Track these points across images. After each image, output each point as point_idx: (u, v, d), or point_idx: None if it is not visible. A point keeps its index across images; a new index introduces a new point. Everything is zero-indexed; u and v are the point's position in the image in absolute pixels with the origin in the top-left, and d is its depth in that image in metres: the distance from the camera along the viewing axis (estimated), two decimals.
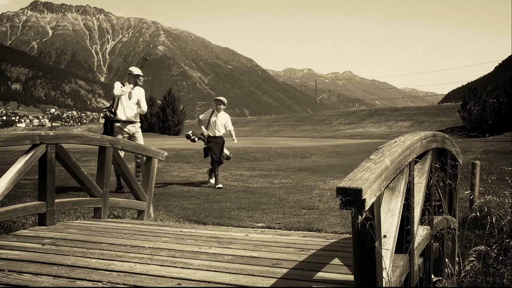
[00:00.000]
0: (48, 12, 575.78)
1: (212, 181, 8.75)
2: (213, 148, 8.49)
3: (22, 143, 3.72)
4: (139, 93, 7.99)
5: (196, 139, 8.72)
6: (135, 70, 8.03)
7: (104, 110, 7.90)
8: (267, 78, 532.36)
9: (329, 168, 11.38)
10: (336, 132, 41.49)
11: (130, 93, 7.81)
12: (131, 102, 7.82)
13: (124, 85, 7.87)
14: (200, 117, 8.88)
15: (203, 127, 8.64)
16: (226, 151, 8.96)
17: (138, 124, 7.99)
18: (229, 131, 8.75)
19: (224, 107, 8.71)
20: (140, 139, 7.84)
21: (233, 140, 8.86)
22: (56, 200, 4.03)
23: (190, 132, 8.89)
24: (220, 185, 8.33)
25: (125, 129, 7.72)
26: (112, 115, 7.73)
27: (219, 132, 8.61)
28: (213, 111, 8.75)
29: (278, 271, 2.59)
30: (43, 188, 3.88)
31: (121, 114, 7.72)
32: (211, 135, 8.56)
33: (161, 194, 7.49)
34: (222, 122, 8.65)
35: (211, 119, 8.61)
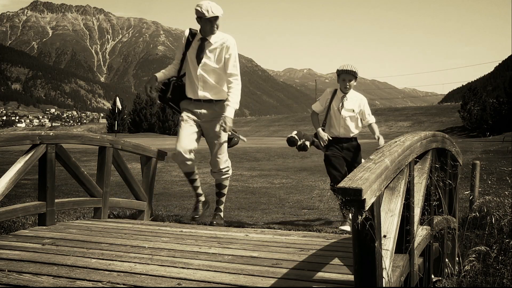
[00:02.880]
0: (48, 12, 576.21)
1: (346, 228, 4.61)
2: (333, 158, 4.68)
3: (22, 143, 3.71)
4: (222, 48, 4.38)
5: (307, 144, 4.92)
6: (207, 9, 4.27)
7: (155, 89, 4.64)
8: (267, 78, 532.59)
9: None
10: None
11: (201, 52, 4.38)
12: (203, 68, 4.39)
13: (194, 35, 4.48)
14: (314, 107, 4.96)
15: (317, 126, 4.87)
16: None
17: (221, 107, 4.39)
18: (368, 124, 4.82)
19: (355, 83, 4.76)
20: (222, 134, 4.46)
21: (378, 139, 4.58)
22: (56, 200, 4.03)
23: (294, 134, 4.95)
24: (346, 227, 4.60)
25: (196, 113, 4.47)
26: (158, 92, 4.61)
27: (348, 129, 4.76)
28: (334, 92, 4.83)
29: (278, 271, 2.59)
30: (43, 188, 3.88)
31: (188, 90, 4.49)
32: (333, 135, 4.78)
33: (161, 194, 7.49)
34: (354, 110, 4.75)
35: (331, 108, 4.79)
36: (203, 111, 4.44)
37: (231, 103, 4.31)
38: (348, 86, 4.69)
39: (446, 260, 3.52)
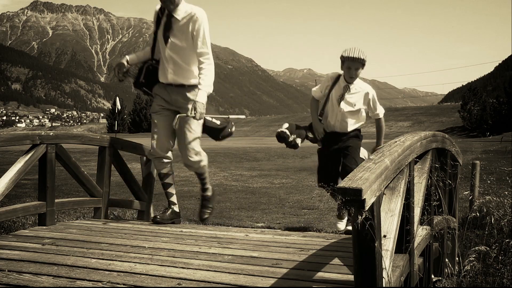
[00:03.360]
0: (48, 12, 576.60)
1: (341, 225, 4.31)
2: (325, 156, 4.25)
3: (22, 143, 3.71)
4: (189, 23, 3.81)
5: (298, 142, 4.22)
6: None
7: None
8: (267, 78, 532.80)
9: None
10: None
11: (167, 31, 3.86)
12: (171, 48, 3.87)
13: (164, 11, 3.90)
14: (313, 92, 4.34)
15: (314, 115, 4.27)
16: (364, 154, 4.38)
17: (195, 94, 3.82)
18: (377, 118, 4.29)
19: (362, 70, 4.05)
20: (195, 125, 3.93)
21: (379, 143, 4.28)
22: (56, 200, 4.03)
23: (285, 128, 4.22)
24: (340, 227, 4.32)
25: (165, 98, 3.98)
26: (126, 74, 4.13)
27: (345, 124, 4.16)
28: (337, 79, 4.15)
29: (278, 271, 2.59)
30: (43, 188, 3.88)
31: (160, 73, 3.99)
32: (328, 129, 4.21)
33: (161, 194, 7.48)
34: (355, 105, 4.13)
35: (330, 97, 4.16)
36: (175, 96, 3.94)
37: (203, 86, 3.79)
38: (354, 76, 4.02)
39: (446, 260, 3.52)
